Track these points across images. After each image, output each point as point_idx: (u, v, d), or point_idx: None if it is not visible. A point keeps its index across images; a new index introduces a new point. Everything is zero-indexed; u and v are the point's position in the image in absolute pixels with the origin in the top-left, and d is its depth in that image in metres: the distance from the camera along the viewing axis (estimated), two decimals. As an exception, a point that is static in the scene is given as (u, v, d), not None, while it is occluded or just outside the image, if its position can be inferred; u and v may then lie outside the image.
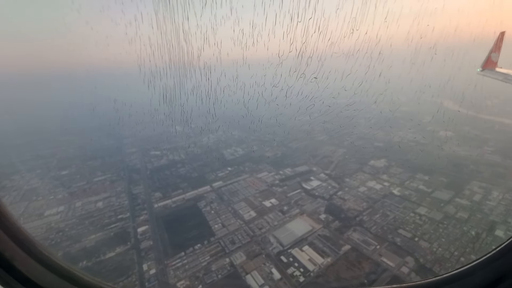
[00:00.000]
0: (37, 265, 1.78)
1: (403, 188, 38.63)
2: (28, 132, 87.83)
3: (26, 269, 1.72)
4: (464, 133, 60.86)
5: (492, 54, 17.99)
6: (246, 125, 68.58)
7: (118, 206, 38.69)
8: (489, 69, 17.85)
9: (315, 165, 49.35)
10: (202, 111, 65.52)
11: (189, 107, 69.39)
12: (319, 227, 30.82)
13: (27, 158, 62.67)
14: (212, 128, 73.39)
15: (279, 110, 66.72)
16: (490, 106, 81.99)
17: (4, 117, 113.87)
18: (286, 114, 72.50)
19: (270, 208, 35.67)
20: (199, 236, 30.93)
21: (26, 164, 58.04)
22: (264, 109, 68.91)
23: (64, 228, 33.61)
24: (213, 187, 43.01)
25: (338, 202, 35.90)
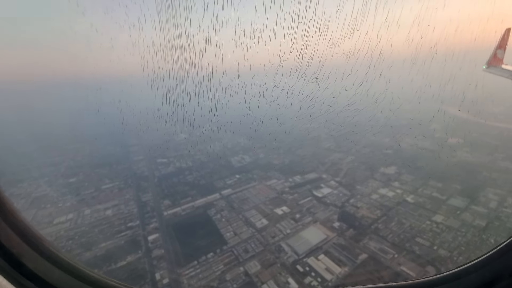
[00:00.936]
0: (44, 261, 1.79)
1: (417, 195, 37.95)
2: (35, 139, 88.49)
3: (34, 265, 1.73)
4: (473, 140, 60.24)
5: (497, 51, 17.86)
6: (247, 124, 67.25)
7: (127, 214, 38.29)
8: (494, 66, 17.69)
9: (324, 172, 48.88)
10: (204, 111, 65.34)
11: (192, 107, 69.41)
12: (333, 235, 30.15)
13: (35, 166, 62.78)
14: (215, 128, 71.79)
15: (280, 110, 66.27)
16: (497, 113, 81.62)
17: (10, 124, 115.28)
18: (287, 114, 71.79)
19: (282, 216, 35.09)
20: (211, 245, 30.33)
21: (34, 172, 58.09)
22: (265, 109, 68.45)
23: (74, 236, 33.19)
24: (222, 195, 42.58)
25: (351, 209, 35.26)
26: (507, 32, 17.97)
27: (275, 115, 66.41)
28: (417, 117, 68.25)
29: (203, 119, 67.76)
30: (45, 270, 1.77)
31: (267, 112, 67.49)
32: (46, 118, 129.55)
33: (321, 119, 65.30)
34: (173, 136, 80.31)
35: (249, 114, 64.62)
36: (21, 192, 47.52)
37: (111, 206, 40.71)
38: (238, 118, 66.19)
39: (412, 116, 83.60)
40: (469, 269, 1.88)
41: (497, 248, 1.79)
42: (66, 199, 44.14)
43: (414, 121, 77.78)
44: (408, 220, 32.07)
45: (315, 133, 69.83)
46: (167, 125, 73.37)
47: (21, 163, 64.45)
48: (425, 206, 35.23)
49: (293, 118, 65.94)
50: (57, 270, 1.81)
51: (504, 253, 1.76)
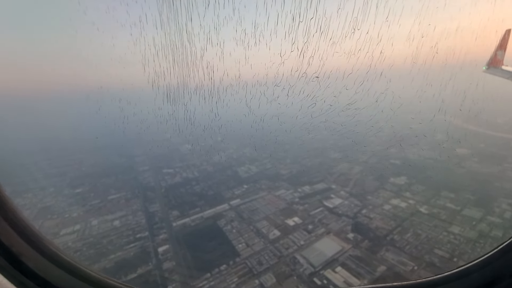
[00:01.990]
0: (44, 260, 1.79)
1: (430, 206, 37.35)
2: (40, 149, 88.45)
3: (34, 264, 1.72)
4: (481, 151, 60.15)
5: (497, 52, 18.03)
6: (248, 123, 66.41)
7: (135, 225, 37.59)
8: (495, 67, 17.81)
9: (333, 182, 48.43)
10: (205, 110, 65.02)
11: (192, 106, 69.16)
12: (348, 246, 29.40)
13: (40, 176, 62.33)
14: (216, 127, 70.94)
15: (281, 109, 65.91)
16: (501, 123, 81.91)
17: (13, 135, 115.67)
18: (288, 113, 71.28)
19: (294, 227, 34.39)
20: (223, 256, 29.54)
21: (39, 182, 57.61)
22: (266, 108, 68.05)
23: (82, 248, 32.42)
24: (231, 205, 41.97)
25: (364, 220, 34.60)
26: (507, 33, 18.25)
27: (275, 114, 66.26)
28: (418, 117, 68.06)
29: (204, 118, 67.57)
30: (45, 268, 1.76)
31: (267, 111, 67.35)
32: (49, 126, 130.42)
33: (322, 118, 65.02)
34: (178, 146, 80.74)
35: (249, 113, 64.40)
36: (26, 202, 46.92)
37: (119, 217, 40.05)
38: (238, 117, 65.90)
39: (413, 116, 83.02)
40: (470, 269, 1.86)
41: (498, 248, 1.78)
42: (73, 209, 43.49)
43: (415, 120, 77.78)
44: (424, 231, 31.37)
45: (315, 132, 69.16)
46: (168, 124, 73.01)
47: (25, 173, 64.12)
48: (440, 217, 34.58)
49: (293, 117, 65.70)
50: (56, 269, 1.80)
51: (505, 253, 1.75)
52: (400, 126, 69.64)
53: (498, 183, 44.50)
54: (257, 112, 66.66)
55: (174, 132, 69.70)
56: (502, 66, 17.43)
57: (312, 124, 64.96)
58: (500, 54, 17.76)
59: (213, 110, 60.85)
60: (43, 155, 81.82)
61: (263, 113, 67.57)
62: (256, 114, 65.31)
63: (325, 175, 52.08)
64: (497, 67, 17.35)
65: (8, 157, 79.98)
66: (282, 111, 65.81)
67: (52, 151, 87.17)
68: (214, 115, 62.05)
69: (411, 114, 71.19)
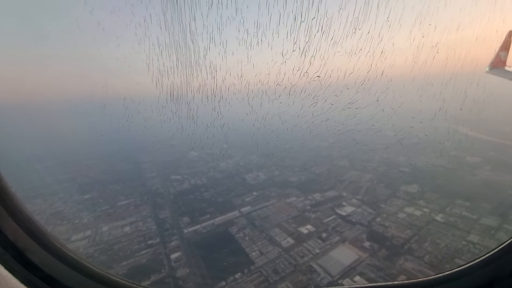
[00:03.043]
0: (49, 256, 1.81)
1: (446, 214, 36.65)
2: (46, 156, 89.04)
3: (39, 260, 1.75)
4: (491, 158, 59.40)
5: (500, 53, 18.07)
6: (250, 123, 65.85)
7: (146, 231, 37.26)
8: (497, 68, 17.81)
9: (343, 190, 47.91)
10: (207, 108, 64.83)
11: (195, 104, 69.28)
12: (365, 255, 28.75)
13: (48, 182, 62.54)
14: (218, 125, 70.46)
15: (282, 108, 65.54)
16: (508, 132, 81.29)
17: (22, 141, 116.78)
18: (289, 112, 70.60)
19: (308, 235, 33.83)
20: (237, 264, 29.00)
21: (47, 188, 57.76)
22: (268, 106, 67.67)
23: (94, 254, 32.08)
24: (242, 212, 41.54)
25: (379, 229, 33.96)
26: (509, 34, 18.37)
27: (277, 113, 65.96)
28: (418, 116, 67.28)
29: (207, 117, 67.34)
30: (50, 264, 1.79)
31: (269, 110, 67.14)
32: (56, 131, 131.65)
33: (323, 117, 64.40)
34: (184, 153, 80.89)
35: (251, 111, 64.12)
36: (36, 208, 46.87)
37: (129, 223, 39.76)
38: (241, 116, 65.56)
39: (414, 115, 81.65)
40: (470, 269, 1.88)
41: (499, 248, 1.80)
42: (83, 215, 43.30)
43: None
44: (443, 240, 30.66)
45: (316, 131, 68.65)
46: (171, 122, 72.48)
47: (34, 179, 64.33)
48: (457, 225, 33.86)
49: (295, 116, 65.30)
50: (61, 264, 1.83)
51: (505, 253, 1.77)
52: (401, 125, 68.97)
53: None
54: (259, 111, 66.69)
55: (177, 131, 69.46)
56: (505, 67, 17.49)
57: (313, 123, 64.83)
58: (503, 55, 17.85)
59: (216, 109, 61.01)
60: (51, 161, 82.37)
61: (265, 111, 67.54)
62: (258, 113, 65.36)
63: (335, 183, 51.62)
64: (500, 68, 17.40)
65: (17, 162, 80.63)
66: (283, 110, 65.76)
67: (60, 157, 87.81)
68: (217, 114, 62.16)
69: (412, 113, 70.60)
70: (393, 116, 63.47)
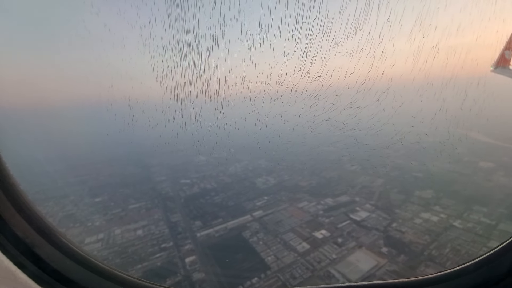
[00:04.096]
0: (56, 251, 1.86)
1: (464, 220, 35.85)
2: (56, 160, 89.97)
3: (46, 255, 1.80)
4: (505, 164, 58.30)
5: (505, 52, 17.90)
6: (251, 122, 65.54)
7: (158, 235, 37.11)
8: (502, 67, 17.67)
9: (356, 195, 47.34)
10: (210, 108, 64.87)
11: (198, 104, 69.46)
12: (384, 261, 28.14)
13: (59, 185, 62.98)
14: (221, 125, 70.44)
15: (284, 108, 65.17)
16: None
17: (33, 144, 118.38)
18: (291, 112, 70.03)
19: (323, 240, 33.32)
20: (253, 269, 28.59)
21: (59, 191, 58.15)
22: (270, 106, 67.46)
23: (108, 257, 31.97)
24: (254, 217, 41.22)
25: (396, 234, 33.32)
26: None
27: (279, 113, 65.72)
28: (419, 116, 66.15)
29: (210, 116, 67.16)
30: (57, 259, 1.84)
31: (271, 110, 66.89)
32: (63, 136, 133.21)
33: (324, 116, 63.74)
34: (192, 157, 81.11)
35: (253, 111, 64.02)
36: (48, 211, 47.11)
37: (141, 226, 39.69)
38: (243, 115, 65.48)
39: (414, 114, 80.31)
40: (469, 268, 1.88)
41: (499, 247, 1.81)
42: (95, 218, 43.40)
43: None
44: (463, 246, 29.92)
45: (317, 131, 68.16)
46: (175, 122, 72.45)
47: (45, 182, 64.90)
48: (476, 231, 33.07)
49: (296, 115, 64.93)
50: (67, 260, 1.88)
51: (505, 252, 1.78)
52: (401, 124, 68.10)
53: (531, 197, 42.73)
54: (261, 111, 66.69)
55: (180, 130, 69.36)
56: (510, 66, 17.43)
57: (315, 122, 64.41)
58: (507, 54, 17.77)
59: (219, 108, 61.31)
60: (61, 164, 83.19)
61: (266, 111, 67.49)
62: (260, 112, 65.35)
63: (347, 187, 51.05)
64: (505, 67, 17.35)
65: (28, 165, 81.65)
66: (285, 110, 65.65)
67: (69, 160, 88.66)
68: (220, 113, 62.34)
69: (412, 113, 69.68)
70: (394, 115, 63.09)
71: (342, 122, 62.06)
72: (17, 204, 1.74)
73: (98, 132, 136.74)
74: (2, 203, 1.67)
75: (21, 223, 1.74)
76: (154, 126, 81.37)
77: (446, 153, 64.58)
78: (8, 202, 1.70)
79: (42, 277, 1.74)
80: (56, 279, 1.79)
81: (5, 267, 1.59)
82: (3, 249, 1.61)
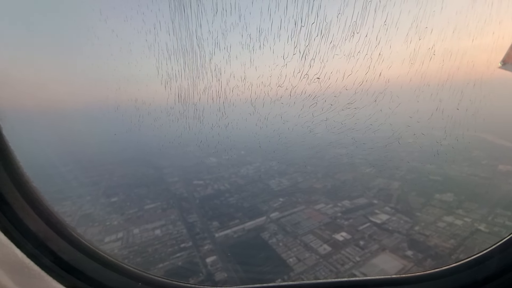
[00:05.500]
0: (67, 245, 1.94)
1: (489, 224, 34.86)
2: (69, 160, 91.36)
3: (58, 248, 1.89)
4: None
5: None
6: (252, 122, 65.07)
7: (177, 235, 37.16)
8: (511, 63, 17.13)
9: (373, 198, 46.59)
10: (213, 109, 65.08)
11: (202, 105, 69.87)
12: (410, 265, 27.44)
13: (74, 186, 63.86)
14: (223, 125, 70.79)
15: (284, 109, 64.68)
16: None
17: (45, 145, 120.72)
18: (290, 112, 69.24)
19: (344, 242, 32.79)
20: (275, 270, 28.28)
21: (74, 191, 58.90)
22: (270, 107, 67.27)
23: (129, 255, 32.08)
24: (271, 218, 40.93)
25: (420, 237, 32.55)
26: None
27: (278, 113, 65.38)
28: (416, 116, 64.74)
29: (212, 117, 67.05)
30: (68, 252, 1.93)
31: (271, 110, 66.55)
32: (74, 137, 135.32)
33: (323, 117, 63.05)
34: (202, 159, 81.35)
35: (254, 112, 63.79)
36: (66, 210, 47.77)
37: (159, 226, 39.83)
38: (244, 116, 65.21)
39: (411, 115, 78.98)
40: (459, 267, 1.91)
41: (489, 249, 1.86)
42: (112, 217, 43.77)
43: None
44: (492, 251, 28.97)
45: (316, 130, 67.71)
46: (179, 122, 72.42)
47: (60, 182, 65.91)
48: (503, 235, 31.81)
49: (295, 116, 64.50)
50: (78, 253, 1.98)
51: (494, 254, 1.83)
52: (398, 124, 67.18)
53: (557, 202, 41.32)
54: (261, 111, 66.57)
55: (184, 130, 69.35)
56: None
57: (313, 123, 63.88)
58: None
59: (220, 109, 61.79)
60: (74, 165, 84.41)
61: (267, 112, 67.32)
62: (260, 113, 65.29)
63: (363, 190, 50.31)
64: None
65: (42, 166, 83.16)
66: (284, 110, 65.33)
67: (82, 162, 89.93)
68: (222, 114, 62.67)
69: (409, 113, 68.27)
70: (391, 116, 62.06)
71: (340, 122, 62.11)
72: (30, 201, 1.83)
73: (107, 133, 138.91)
74: (17, 201, 1.75)
75: (34, 218, 1.84)
76: (159, 127, 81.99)
77: (462, 156, 63.37)
78: (23, 199, 1.78)
79: (54, 269, 1.84)
80: (67, 271, 1.91)
81: (20, 260, 1.67)
82: (17, 243, 1.68)
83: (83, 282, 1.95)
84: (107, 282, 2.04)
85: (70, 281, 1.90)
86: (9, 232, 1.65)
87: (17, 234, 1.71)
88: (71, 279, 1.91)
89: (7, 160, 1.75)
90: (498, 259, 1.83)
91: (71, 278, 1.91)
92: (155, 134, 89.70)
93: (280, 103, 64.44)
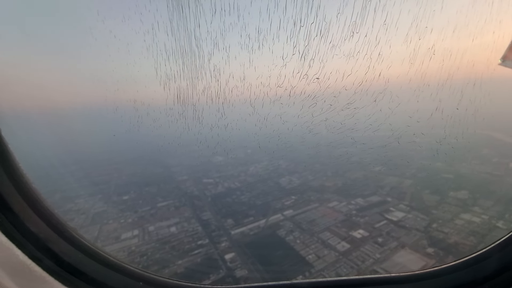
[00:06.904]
0: (68, 246, 1.95)
1: (507, 221, 34.60)
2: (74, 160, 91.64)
3: (59, 250, 1.89)
4: (538, 166, 56.30)
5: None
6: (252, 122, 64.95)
7: (192, 232, 37.20)
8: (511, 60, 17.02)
9: (387, 196, 46.41)
10: (212, 109, 65.13)
11: (201, 106, 69.88)
12: (432, 262, 27.31)
13: (85, 184, 64.13)
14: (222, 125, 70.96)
15: (283, 109, 64.47)
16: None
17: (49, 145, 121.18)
18: (289, 113, 68.84)
19: (362, 239, 32.66)
20: (295, 267, 28.24)
21: (86, 189, 59.13)
22: (269, 107, 67.17)
23: (147, 252, 32.18)
24: (285, 216, 40.88)
25: (439, 235, 32.36)
26: None
27: (278, 114, 65.18)
28: (415, 116, 64.44)
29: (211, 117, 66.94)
30: (69, 252, 1.93)
31: (270, 111, 66.34)
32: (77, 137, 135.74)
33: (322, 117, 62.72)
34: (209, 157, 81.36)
35: (254, 112, 63.68)
36: (79, 208, 48.03)
37: (174, 224, 39.90)
38: (243, 116, 65.01)
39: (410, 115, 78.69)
40: (458, 266, 1.92)
41: (488, 248, 1.87)
42: (126, 215, 43.93)
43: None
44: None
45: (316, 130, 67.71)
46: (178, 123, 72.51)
47: (71, 180, 66.19)
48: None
49: (295, 116, 64.31)
50: (79, 253, 1.98)
51: (493, 253, 1.83)
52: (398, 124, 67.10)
53: None
54: (260, 112, 66.47)
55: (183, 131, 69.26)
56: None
57: (313, 123, 63.66)
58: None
59: (220, 110, 61.88)
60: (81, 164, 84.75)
61: (266, 112, 67.18)
62: (260, 114, 65.24)
63: (376, 188, 50.10)
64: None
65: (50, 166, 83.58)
66: (284, 111, 65.13)
67: (88, 161, 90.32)
68: (221, 114, 62.68)
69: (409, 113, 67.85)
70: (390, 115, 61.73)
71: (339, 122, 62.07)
72: (31, 202, 1.82)
73: (107, 133, 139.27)
74: (17, 202, 1.73)
75: (35, 219, 1.83)
76: (159, 127, 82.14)
77: (472, 154, 62.94)
78: (24, 201, 1.77)
79: (56, 270, 1.83)
80: (69, 272, 1.90)
81: (21, 261, 1.66)
82: (19, 244, 1.67)
83: (84, 282, 1.94)
84: (109, 282, 2.04)
85: (72, 282, 1.88)
86: (10, 234, 1.63)
87: (18, 235, 1.70)
88: (72, 280, 1.90)
89: (7, 162, 1.70)
90: (497, 257, 1.84)
91: (72, 279, 1.90)
92: (156, 134, 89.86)
93: (279, 103, 64.65)
